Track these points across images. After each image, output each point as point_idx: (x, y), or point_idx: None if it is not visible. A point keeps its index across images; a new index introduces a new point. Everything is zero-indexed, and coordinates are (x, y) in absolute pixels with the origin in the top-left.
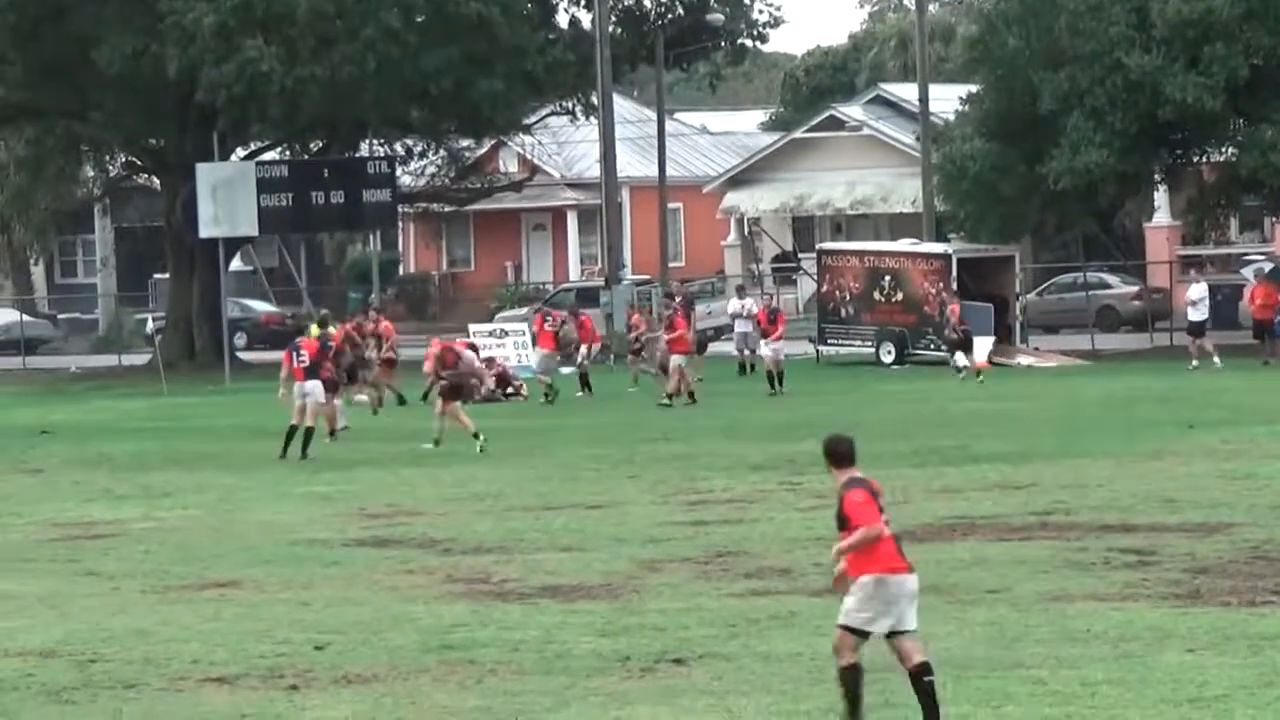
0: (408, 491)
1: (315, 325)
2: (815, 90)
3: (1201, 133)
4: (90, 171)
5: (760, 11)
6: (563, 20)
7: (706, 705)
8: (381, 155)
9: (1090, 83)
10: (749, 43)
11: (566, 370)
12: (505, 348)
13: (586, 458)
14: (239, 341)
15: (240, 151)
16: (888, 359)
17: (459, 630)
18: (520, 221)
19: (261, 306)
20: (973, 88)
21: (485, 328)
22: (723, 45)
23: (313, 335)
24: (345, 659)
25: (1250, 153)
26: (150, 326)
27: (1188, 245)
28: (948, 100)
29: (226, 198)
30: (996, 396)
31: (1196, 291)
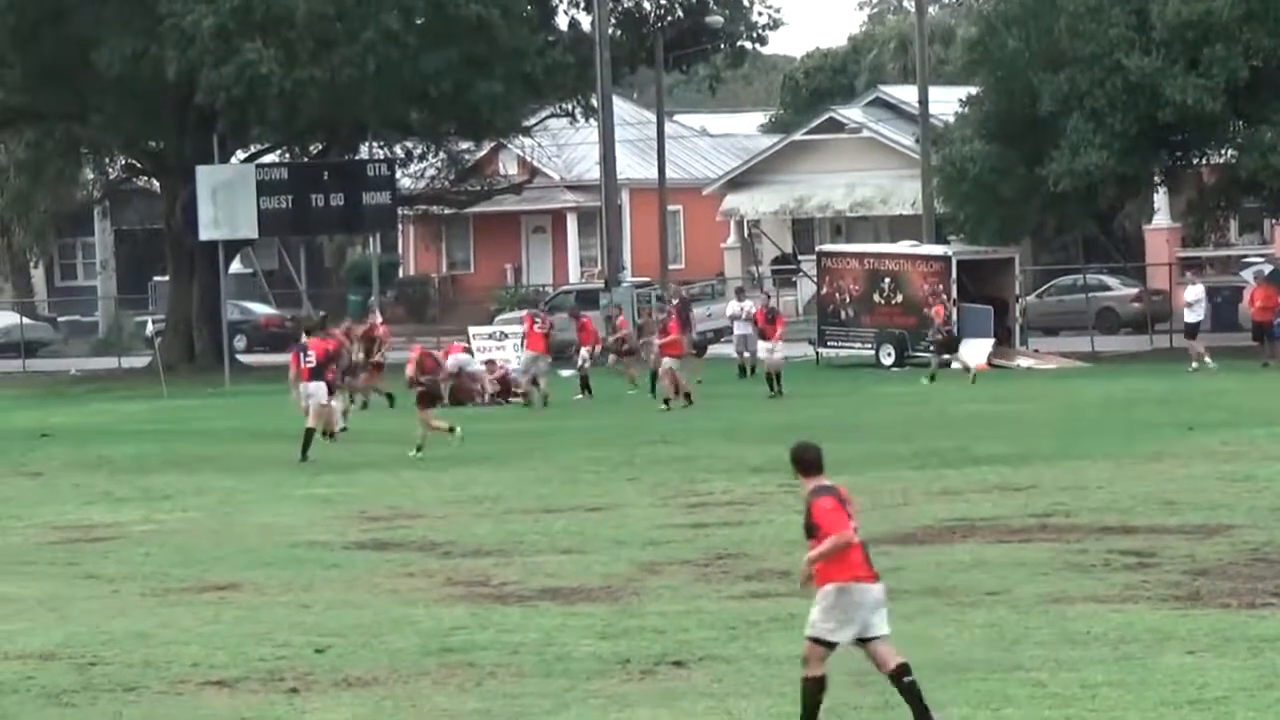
0: (408, 494)
1: (304, 333)
2: (815, 92)
3: (1201, 134)
4: (90, 174)
5: (759, 14)
6: (562, 22)
7: (706, 708)
8: (381, 158)
9: (1090, 84)
10: (748, 45)
11: (566, 373)
12: (505, 350)
13: (586, 460)
14: (239, 344)
15: (240, 154)
16: (887, 361)
17: (459, 633)
18: (520, 224)
19: (261, 309)
20: (972, 90)
21: (485, 330)
22: (722, 47)
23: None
24: (345, 662)
25: (1250, 155)
26: (150, 329)
27: (1187, 247)
28: (947, 102)
29: (226, 200)
30: (996, 398)
31: (1193, 293)
